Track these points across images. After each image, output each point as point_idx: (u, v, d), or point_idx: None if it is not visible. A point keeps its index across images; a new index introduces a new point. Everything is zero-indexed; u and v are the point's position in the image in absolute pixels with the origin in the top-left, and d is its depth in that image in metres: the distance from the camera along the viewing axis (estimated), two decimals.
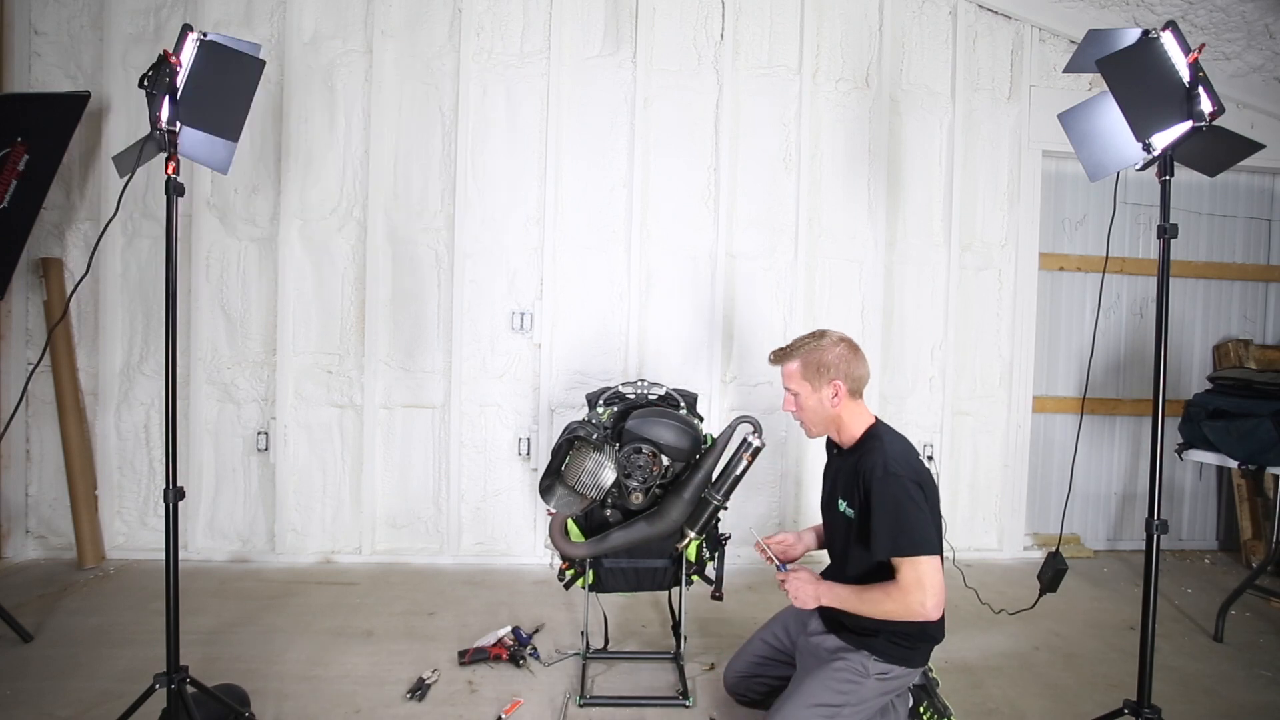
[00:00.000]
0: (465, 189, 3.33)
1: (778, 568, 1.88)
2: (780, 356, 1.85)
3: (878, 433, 1.77)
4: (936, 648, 1.79)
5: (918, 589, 1.59)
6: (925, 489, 1.67)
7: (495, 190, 3.36)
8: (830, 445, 1.95)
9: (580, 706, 2.10)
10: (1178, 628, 2.80)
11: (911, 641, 1.72)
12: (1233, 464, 2.96)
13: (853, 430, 1.80)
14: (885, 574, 1.67)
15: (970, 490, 3.64)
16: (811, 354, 1.79)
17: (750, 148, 3.45)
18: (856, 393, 1.80)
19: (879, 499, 1.63)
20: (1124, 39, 1.74)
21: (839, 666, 1.73)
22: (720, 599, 2.14)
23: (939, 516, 1.70)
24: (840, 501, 1.80)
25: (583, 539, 2.15)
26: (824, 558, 1.97)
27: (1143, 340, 3.84)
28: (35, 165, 3.00)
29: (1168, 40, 1.69)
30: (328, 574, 3.17)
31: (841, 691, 1.70)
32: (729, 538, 2.25)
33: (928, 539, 1.61)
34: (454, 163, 3.32)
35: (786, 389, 1.84)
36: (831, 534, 1.90)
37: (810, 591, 1.76)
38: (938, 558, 1.62)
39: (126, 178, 1.75)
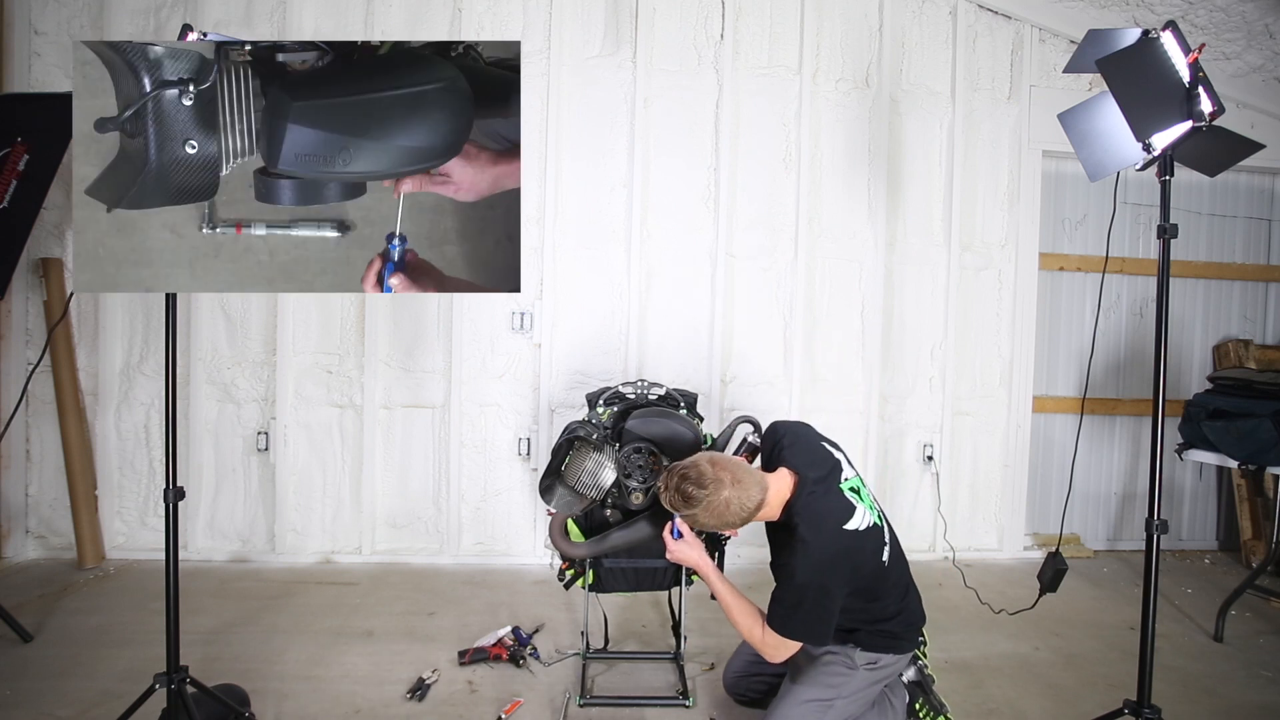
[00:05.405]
0: None
1: (673, 534, 1.84)
2: (679, 506, 1.63)
3: (798, 517, 1.61)
4: (936, 647, 1.81)
5: (773, 650, 1.69)
6: (840, 574, 1.60)
7: None
8: None
9: (580, 706, 2.10)
10: (1178, 628, 2.80)
11: (894, 632, 1.77)
12: (1233, 464, 2.97)
13: (774, 508, 1.67)
14: None
15: (970, 490, 3.64)
16: (711, 508, 1.59)
17: (750, 148, 3.45)
18: (764, 485, 1.64)
19: (787, 586, 1.63)
20: (1124, 39, 1.74)
21: (828, 661, 1.77)
22: None
23: (878, 580, 1.69)
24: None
25: (583, 539, 2.15)
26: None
27: (1143, 340, 3.84)
28: (35, 165, 2.99)
29: (1168, 40, 1.69)
30: (328, 574, 3.17)
31: (832, 685, 1.74)
32: (729, 537, 2.25)
33: (809, 634, 1.66)
34: None
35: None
36: None
37: (689, 555, 1.81)
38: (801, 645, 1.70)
39: None
